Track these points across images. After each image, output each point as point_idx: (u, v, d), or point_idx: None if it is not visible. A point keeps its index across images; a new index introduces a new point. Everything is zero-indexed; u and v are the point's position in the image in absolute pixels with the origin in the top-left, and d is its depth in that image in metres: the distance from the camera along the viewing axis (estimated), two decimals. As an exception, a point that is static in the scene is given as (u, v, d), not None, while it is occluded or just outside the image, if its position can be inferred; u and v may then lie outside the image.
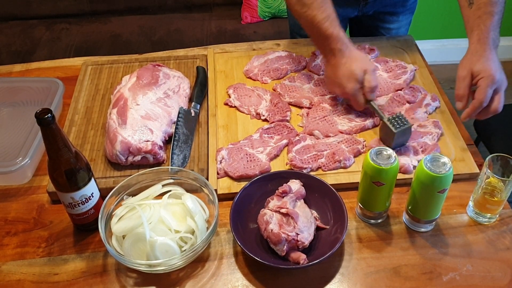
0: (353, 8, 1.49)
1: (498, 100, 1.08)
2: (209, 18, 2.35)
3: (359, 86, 1.14)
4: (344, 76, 1.14)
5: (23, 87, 1.29)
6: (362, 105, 1.17)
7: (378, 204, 0.98)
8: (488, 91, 1.06)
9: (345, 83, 1.14)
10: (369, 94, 1.15)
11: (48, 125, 0.83)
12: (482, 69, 1.08)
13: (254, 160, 1.10)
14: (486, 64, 1.08)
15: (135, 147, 1.07)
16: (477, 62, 1.09)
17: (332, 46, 1.15)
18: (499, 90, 1.08)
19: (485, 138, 1.75)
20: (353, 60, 1.14)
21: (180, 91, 1.25)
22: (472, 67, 1.09)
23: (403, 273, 0.93)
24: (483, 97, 1.07)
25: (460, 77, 1.11)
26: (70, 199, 0.93)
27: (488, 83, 1.06)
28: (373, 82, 1.13)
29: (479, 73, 1.08)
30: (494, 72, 1.07)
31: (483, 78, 1.07)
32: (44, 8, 2.34)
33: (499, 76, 1.07)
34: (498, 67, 1.09)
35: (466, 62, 1.12)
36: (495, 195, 0.97)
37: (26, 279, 0.94)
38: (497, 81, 1.07)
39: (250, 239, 0.96)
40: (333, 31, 1.14)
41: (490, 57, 1.09)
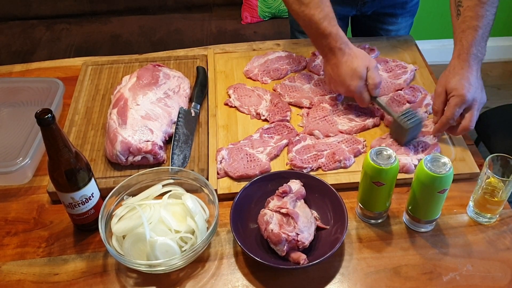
0: (351, 7, 1.49)
1: (468, 118, 1.08)
2: (209, 18, 2.35)
3: (363, 83, 1.14)
4: (347, 75, 1.14)
5: (23, 87, 1.29)
6: (367, 102, 1.17)
7: (378, 204, 0.98)
8: (455, 110, 1.08)
9: (349, 81, 1.14)
10: (374, 91, 1.15)
11: (48, 125, 0.83)
12: (454, 87, 1.08)
13: (254, 160, 1.10)
14: (459, 83, 1.08)
15: (135, 147, 1.07)
16: (452, 80, 1.10)
17: (331, 45, 1.15)
18: (470, 109, 1.08)
19: (485, 138, 1.75)
20: (354, 57, 1.14)
21: (180, 91, 1.25)
22: (446, 84, 1.11)
23: (403, 273, 0.93)
24: (449, 115, 1.08)
25: (436, 93, 1.14)
26: (70, 199, 0.93)
27: (456, 102, 1.07)
28: (376, 78, 1.14)
29: (451, 91, 1.09)
30: (466, 91, 1.07)
31: (454, 96, 1.08)
32: (44, 8, 2.34)
33: (471, 95, 1.07)
34: (472, 86, 1.08)
35: (443, 78, 1.13)
36: (495, 195, 0.97)
37: (26, 279, 0.94)
38: (467, 101, 1.07)
39: (250, 239, 0.96)
40: (331, 30, 1.14)
41: (466, 74, 1.09)
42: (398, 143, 1.13)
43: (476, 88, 1.08)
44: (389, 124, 1.18)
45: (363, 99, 1.16)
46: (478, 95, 1.09)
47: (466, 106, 1.08)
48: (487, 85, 2.93)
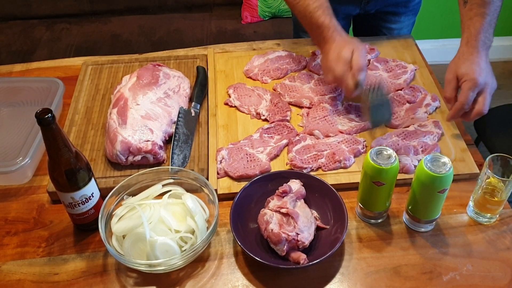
0: (355, 5, 1.49)
1: (482, 102, 1.09)
2: (209, 18, 2.35)
3: (347, 67, 1.11)
4: (333, 60, 1.13)
5: (23, 87, 1.29)
6: (352, 89, 1.11)
7: (378, 204, 0.98)
8: (469, 94, 1.08)
9: (334, 65, 1.12)
10: (357, 74, 1.10)
11: (48, 125, 0.83)
12: (466, 72, 1.09)
13: (254, 160, 1.10)
14: (470, 68, 1.09)
15: (135, 147, 1.07)
16: (462, 65, 1.11)
17: (324, 35, 1.16)
18: (482, 92, 1.09)
19: (485, 138, 1.75)
20: (342, 43, 1.13)
21: (180, 91, 1.25)
22: (457, 70, 1.11)
23: (403, 273, 0.93)
24: (464, 100, 1.09)
25: (446, 80, 1.14)
26: (70, 199, 0.93)
27: (470, 86, 1.08)
28: (360, 60, 1.10)
29: (463, 76, 1.10)
30: (477, 75, 1.07)
31: (466, 81, 1.09)
32: (44, 8, 2.34)
33: (483, 79, 1.08)
34: (483, 70, 1.09)
35: (452, 65, 1.14)
36: (495, 195, 0.97)
37: (26, 279, 0.94)
38: (480, 84, 1.08)
39: (250, 239, 0.96)
40: (324, 19, 1.15)
41: (475, 60, 1.10)
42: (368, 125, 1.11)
43: (487, 72, 1.09)
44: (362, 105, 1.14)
45: (347, 85, 1.12)
46: (490, 79, 1.09)
47: (479, 89, 1.08)
48: (487, 85, 2.88)
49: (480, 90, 1.09)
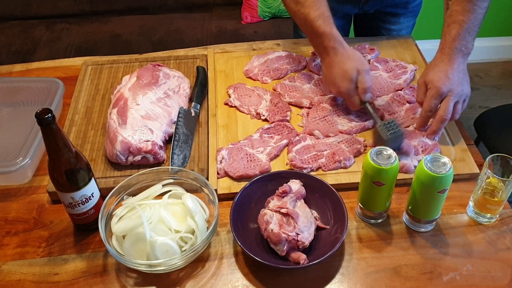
0: (353, 5, 1.49)
1: (442, 108, 1.09)
2: (209, 18, 2.35)
3: (353, 86, 1.13)
4: (338, 76, 1.14)
5: (23, 87, 1.29)
6: (357, 106, 1.16)
7: (378, 204, 0.98)
8: (431, 101, 1.10)
9: (339, 82, 1.14)
10: (363, 95, 1.14)
11: (48, 125, 0.83)
12: (431, 79, 1.11)
13: (254, 160, 1.10)
14: (436, 75, 1.10)
15: (135, 147, 1.07)
16: (430, 72, 1.12)
17: (325, 44, 1.15)
18: (447, 99, 1.09)
19: (485, 138, 1.75)
20: (346, 59, 1.14)
21: (180, 91, 1.25)
22: (425, 77, 1.13)
23: (403, 273, 0.93)
24: (426, 107, 1.11)
25: (418, 85, 1.16)
26: (70, 199, 0.93)
27: (432, 94, 1.09)
28: (366, 83, 1.13)
29: (428, 83, 1.11)
30: (440, 83, 1.09)
31: (430, 89, 1.10)
32: (44, 8, 2.34)
33: (446, 87, 1.08)
34: (448, 78, 1.09)
35: (425, 71, 1.16)
36: (495, 195, 0.97)
37: (26, 279, 0.94)
38: (442, 92, 1.09)
39: (250, 239, 0.96)
40: (325, 29, 1.15)
41: (444, 68, 1.11)
42: None
43: (453, 81, 1.10)
44: (373, 131, 1.17)
45: (353, 102, 1.15)
46: (456, 87, 1.10)
47: (442, 97, 1.09)
48: (487, 85, 2.93)
49: (444, 97, 1.09)
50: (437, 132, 1.12)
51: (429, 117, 1.12)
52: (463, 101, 1.12)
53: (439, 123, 1.10)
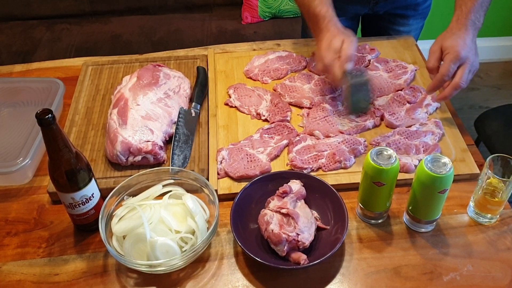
0: (363, 5, 1.49)
1: (459, 75, 1.11)
2: (210, 18, 2.35)
3: (336, 56, 1.12)
4: (324, 48, 1.14)
5: (24, 88, 1.29)
6: (338, 78, 1.12)
7: (379, 204, 0.98)
8: (450, 66, 1.11)
9: (324, 53, 1.14)
10: (345, 63, 1.11)
11: (49, 125, 0.83)
12: (450, 45, 1.12)
13: (255, 160, 1.10)
14: (455, 41, 1.12)
15: (135, 147, 1.07)
16: (448, 39, 1.14)
17: (319, 24, 1.17)
18: (462, 66, 1.11)
19: (486, 138, 1.75)
20: (335, 33, 1.15)
21: (180, 91, 1.25)
22: (442, 43, 1.14)
23: (404, 273, 0.93)
24: (444, 71, 1.11)
25: (431, 51, 1.17)
26: (71, 199, 0.93)
27: (451, 58, 1.11)
28: (349, 50, 1.11)
29: (446, 48, 1.12)
30: (460, 48, 1.10)
31: (449, 53, 1.11)
32: (44, 9, 2.34)
33: (465, 52, 1.10)
34: (467, 45, 1.11)
35: (440, 38, 1.17)
36: (495, 195, 0.97)
37: (26, 279, 0.94)
38: (461, 58, 1.10)
39: (251, 240, 0.96)
40: (321, 9, 1.17)
41: (462, 35, 1.13)
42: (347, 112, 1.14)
43: (470, 49, 1.12)
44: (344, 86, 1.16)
45: (335, 74, 1.12)
46: (472, 56, 1.12)
47: (460, 63, 1.11)
48: (487, 85, 2.93)
49: (461, 63, 1.11)
50: (448, 98, 1.14)
51: (444, 81, 1.13)
52: (473, 72, 1.14)
53: (453, 89, 1.12)
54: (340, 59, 1.12)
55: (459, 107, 2.56)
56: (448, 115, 1.22)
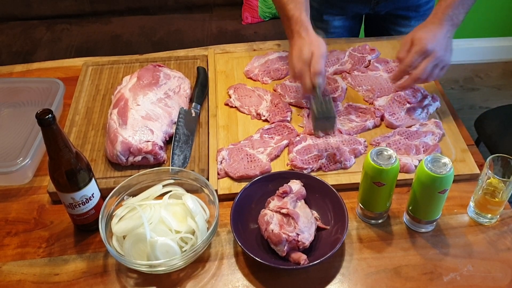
0: (364, 5, 1.49)
1: (421, 67, 1.12)
2: (210, 19, 2.35)
3: (306, 68, 1.13)
4: (295, 57, 1.15)
5: (24, 88, 1.29)
6: (309, 89, 1.13)
7: (379, 204, 0.98)
8: (413, 57, 1.12)
9: (295, 63, 1.14)
10: (313, 78, 1.12)
11: (49, 125, 0.83)
12: (418, 37, 1.13)
13: (255, 160, 1.10)
14: (425, 34, 1.13)
15: (135, 147, 1.07)
16: (419, 31, 1.15)
17: (292, 28, 1.18)
18: (427, 59, 1.11)
19: (486, 138, 1.75)
20: (306, 43, 1.15)
21: (180, 91, 1.25)
22: (413, 35, 1.15)
23: (404, 274, 0.93)
24: (407, 61, 1.13)
25: (402, 42, 1.18)
26: (71, 199, 0.93)
27: (416, 50, 1.12)
28: (316, 67, 1.11)
29: (414, 40, 1.13)
30: (427, 41, 1.11)
31: (415, 45, 1.12)
32: (44, 9, 2.34)
33: (431, 46, 1.11)
34: (436, 39, 1.12)
35: (414, 30, 1.17)
36: (495, 195, 0.97)
37: (26, 279, 0.94)
38: (427, 50, 1.11)
39: (251, 240, 0.96)
40: (295, 13, 1.17)
41: (434, 29, 1.14)
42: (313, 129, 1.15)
43: (439, 43, 1.12)
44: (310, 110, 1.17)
45: (304, 84, 1.13)
46: (440, 50, 1.12)
47: (425, 56, 1.11)
48: (487, 86, 2.93)
49: (426, 56, 1.11)
50: (407, 88, 1.17)
51: (406, 72, 1.14)
52: (442, 67, 1.14)
53: (412, 80, 1.14)
54: (310, 72, 1.13)
55: (459, 107, 2.57)
56: (448, 115, 1.22)
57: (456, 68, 2.80)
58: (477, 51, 2.84)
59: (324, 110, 1.09)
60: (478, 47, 2.83)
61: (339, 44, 1.46)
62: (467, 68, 2.84)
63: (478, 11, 2.65)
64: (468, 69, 2.84)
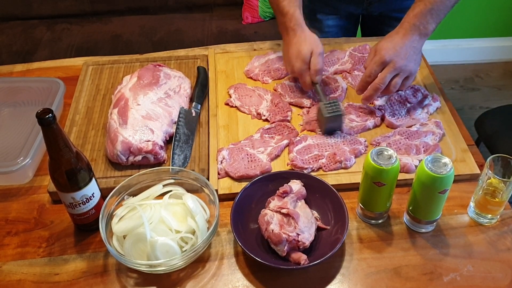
0: (357, 6, 1.49)
1: (379, 77, 1.13)
2: (210, 18, 2.35)
3: (306, 67, 1.18)
4: (293, 55, 1.19)
5: (24, 87, 1.29)
6: (308, 86, 1.21)
7: (379, 204, 0.98)
8: (372, 68, 1.14)
9: (294, 62, 1.19)
10: (314, 76, 1.18)
11: (49, 125, 0.83)
12: (379, 47, 1.15)
13: (255, 160, 1.10)
14: (385, 45, 1.14)
15: (135, 147, 1.07)
16: (382, 41, 1.17)
17: (286, 24, 1.20)
18: (386, 70, 1.13)
19: (486, 138, 1.75)
20: (302, 40, 1.18)
21: (181, 91, 1.25)
22: (377, 45, 1.17)
23: (404, 274, 0.93)
24: (367, 72, 1.15)
25: (369, 52, 1.20)
26: (71, 199, 0.93)
27: (375, 60, 1.14)
28: (317, 65, 1.17)
29: (376, 50, 1.15)
30: (385, 52, 1.12)
31: (375, 56, 1.14)
32: (45, 8, 2.34)
33: (389, 57, 1.12)
34: (396, 50, 1.12)
35: (380, 40, 1.19)
36: (496, 196, 0.97)
37: (26, 279, 0.94)
38: (385, 61, 1.12)
39: (251, 240, 0.96)
40: (289, 9, 1.19)
41: (397, 39, 1.14)
42: (320, 130, 1.18)
43: (399, 53, 1.13)
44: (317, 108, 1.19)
45: (304, 81, 1.20)
46: (400, 60, 1.12)
47: (384, 66, 1.13)
48: (487, 86, 2.93)
49: (384, 66, 1.13)
50: (369, 99, 1.18)
51: (368, 82, 1.16)
52: (405, 77, 1.15)
53: (372, 90, 1.15)
54: (310, 71, 1.18)
55: (460, 107, 2.56)
56: (449, 115, 1.22)
57: (457, 68, 2.80)
58: (478, 51, 2.84)
59: (332, 109, 1.13)
60: (478, 47, 2.82)
61: (339, 44, 1.46)
62: (467, 68, 2.84)
63: (478, 11, 2.65)
64: (469, 69, 2.84)
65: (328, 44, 1.46)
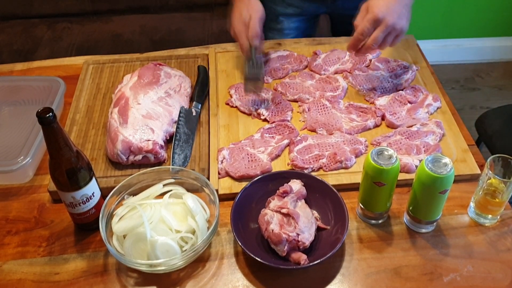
0: (319, 4, 1.50)
1: (373, 35, 1.13)
2: (211, 18, 2.35)
3: (244, 29, 1.23)
4: (235, 18, 1.26)
5: (25, 86, 1.29)
6: (246, 49, 1.23)
7: (379, 204, 0.98)
8: (365, 25, 1.13)
9: (235, 24, 1.25)
10: (252, 39, 1.22)
11: (49, 124, 0.83)
12: (371, 5, 1.14)
13: (255, 160, 1.10)
14: (377, 2, 1.14)
15: (136, 146, 1.07)
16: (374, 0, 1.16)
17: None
18: (379, 28, 1.12)
19: (487, 138, 1.75)
20: (245, 5, 1.24)
21: (181, 90, 1.25)
22: (368, 3, 1.16)
23: (404, 274, 0.93)
24: (359, 30, 1.15)
25: (360, 10, 1.20)
26: (71, 198, 0.93)
27: (368, 18, 1.13)
28: (252, 29, 1.21)
29: (368, 8, 1.15)
30: (378, 10, 1.12)
31: (368, 13, 1.14)
32: (45, 7, 2.33)
33: (382, 15, 1.11)
34: (389, 8, 1.12)
35: None
36: (496, 196, 0.97)
37: (27, 278, 0.94)
38: (378, 19, 1.12)
39: (251, 239, 0.96)
40: None
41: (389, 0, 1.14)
42: None
43: (391, 11, 1.12)
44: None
45: (242, 44, 1.24)
46: (392, 18, 1.12)
47: (377, 23, 1.12)
48: (488, 86, 2.93)
49: (377, 24, 1.12)
50: (360, 54, 1.22)
51: (361, 40, 1.16)
52: (396, 35, 1.15)
53: (365, 50, 1.16)
54: (248, 33, 1.23)
55: (460, 107, 2.56)
56: (449, 115, 1.22)
57: (457, 68, 2.80)
58: (478, 51, 2.84)
59: (253, 72, 1.20)
60: (479, 47, 2.82)
61: (340, 44, 1.46)
62: (468, 68, 2.84)
63: (479, 11, 2.65)
64: (469, 69, 2.84)
65: (329, 44, 1.46)
